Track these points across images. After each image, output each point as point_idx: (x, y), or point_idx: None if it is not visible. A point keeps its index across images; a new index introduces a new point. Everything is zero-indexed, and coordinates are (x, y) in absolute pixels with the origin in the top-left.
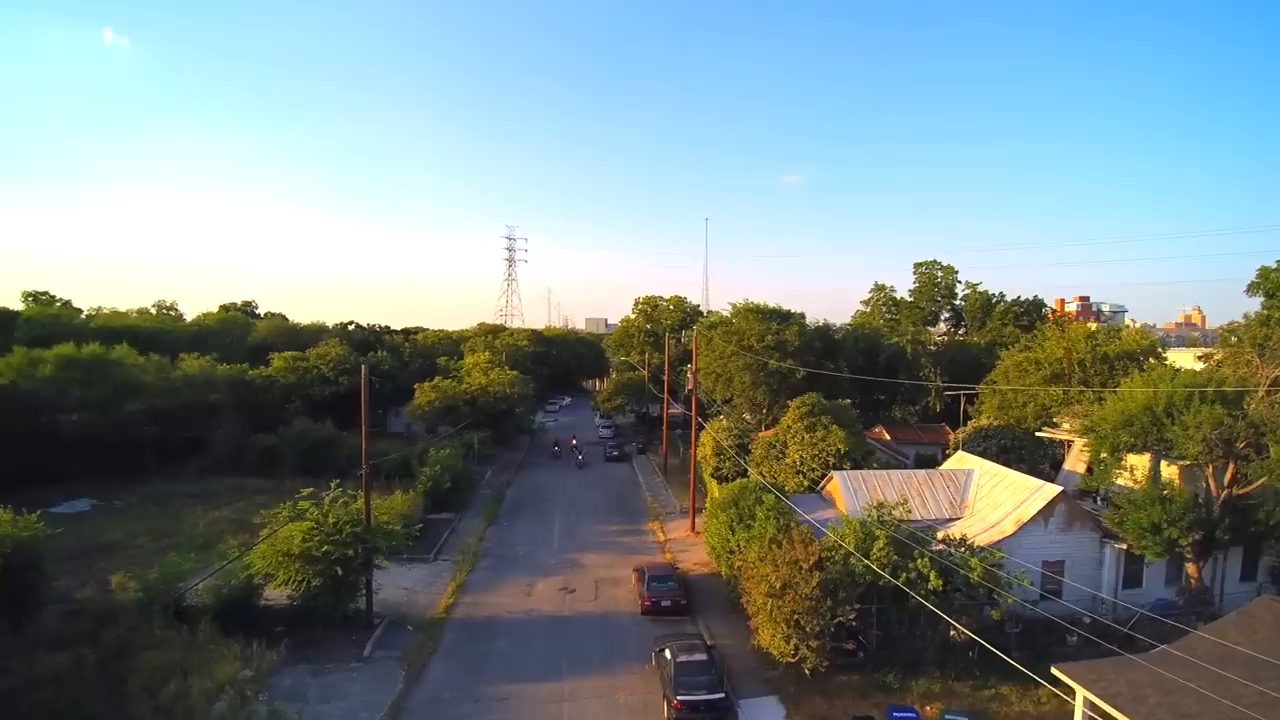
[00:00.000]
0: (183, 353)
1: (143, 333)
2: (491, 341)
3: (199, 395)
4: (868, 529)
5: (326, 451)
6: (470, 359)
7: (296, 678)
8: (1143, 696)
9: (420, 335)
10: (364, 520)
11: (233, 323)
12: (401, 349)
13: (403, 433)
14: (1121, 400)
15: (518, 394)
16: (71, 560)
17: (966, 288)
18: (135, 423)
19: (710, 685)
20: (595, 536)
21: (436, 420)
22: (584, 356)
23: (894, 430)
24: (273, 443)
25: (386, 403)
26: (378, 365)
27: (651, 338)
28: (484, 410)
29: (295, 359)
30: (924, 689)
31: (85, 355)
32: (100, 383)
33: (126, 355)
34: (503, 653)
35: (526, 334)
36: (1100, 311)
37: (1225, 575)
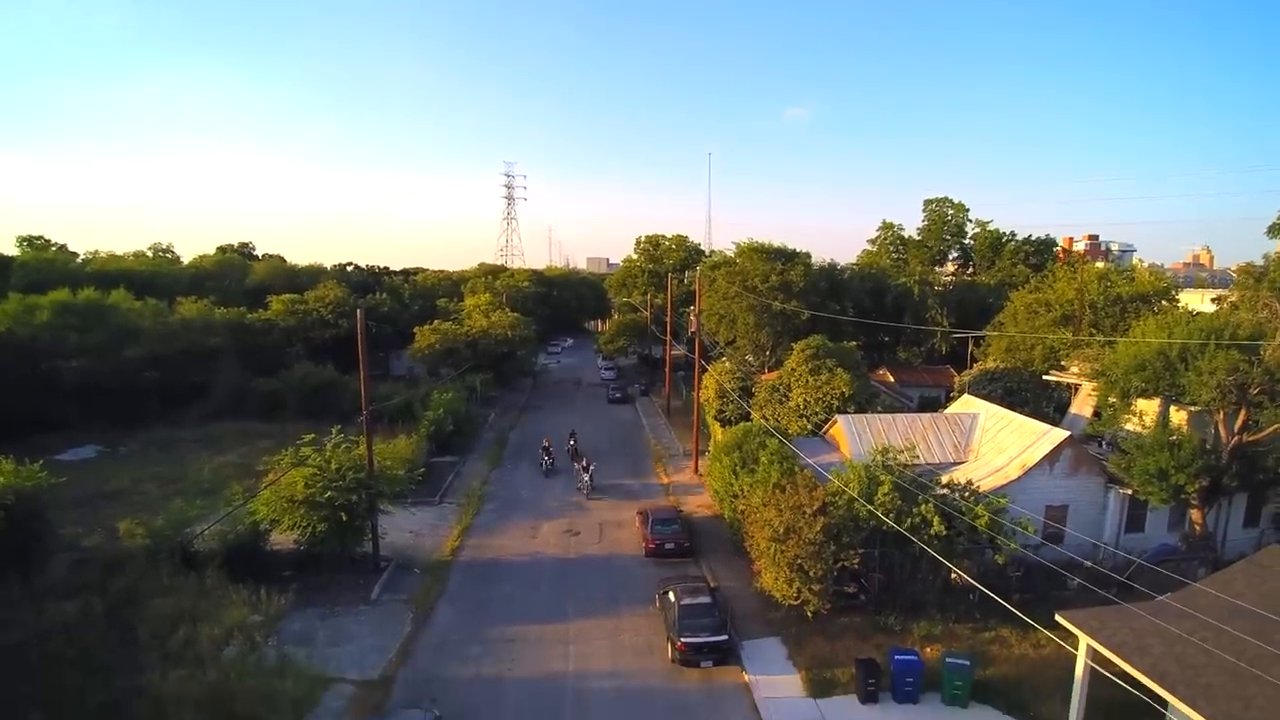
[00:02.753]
0: (180, 296)
1: (139, 276)
2: (492, 282)
3: (198, 339)
4: (872, 474)
5: (328, 395)
6: (470, 301)
7: (305, 621)
8: (1147, 646)
9: (420, 276)
10: (367, 465)
11: (230, 265)
12: (401, 291)
13: (405, 376)
14: (1134, 344)
15: (519, 336)
16: (78, 508)
17: (976, 226)
18: (135, 368)
19: (713, 627)
20: (599, 479)
21: (438, 363)
22: (586, 297)
23: (898, 372)
24: (274, 387)
25: (387, 345)
26: (377, 307)
27: (654, 278)
28: (485, 353)
29: (294, 302)
30: (925, 631)
31: (81, 301)
32: (98, 328)
33: (123, 300)
34: (509, 595)
35: (527, 274)
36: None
37: (1229, 521)
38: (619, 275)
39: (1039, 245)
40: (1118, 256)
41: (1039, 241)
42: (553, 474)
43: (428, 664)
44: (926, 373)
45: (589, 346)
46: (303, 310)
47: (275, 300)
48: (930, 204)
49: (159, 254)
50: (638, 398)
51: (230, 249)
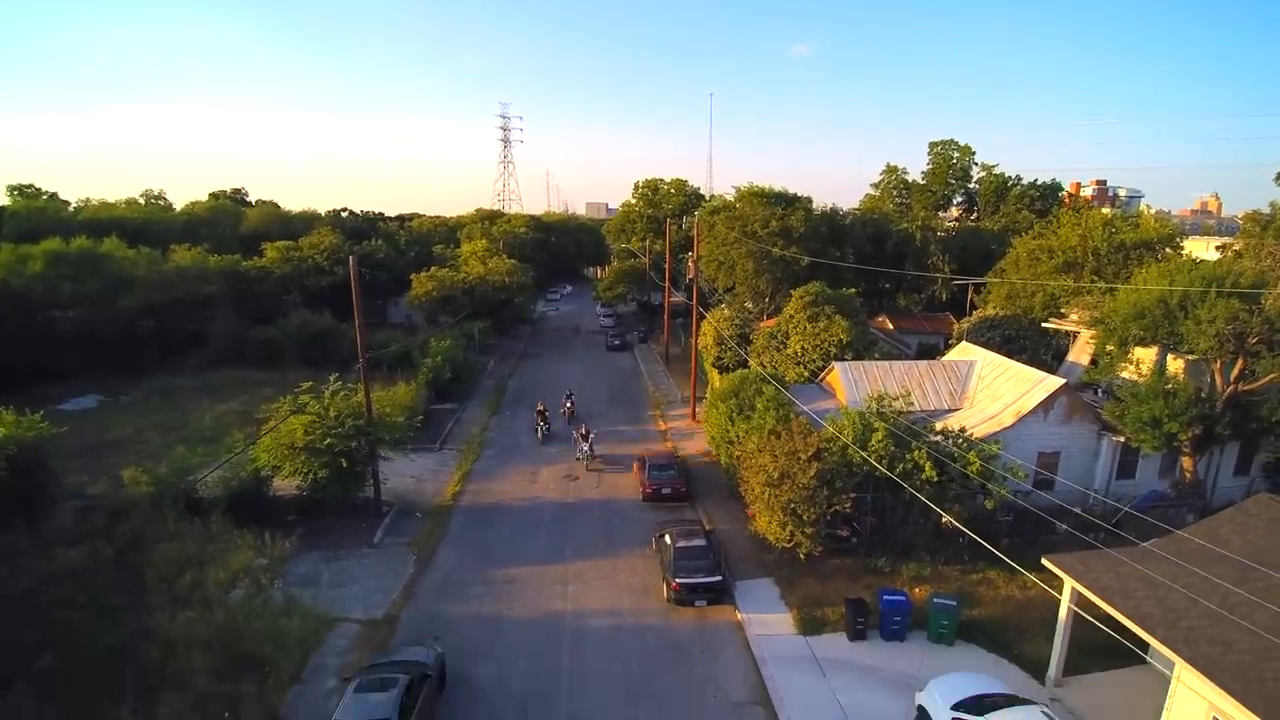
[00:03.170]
0: (173, 244)
1: (131, 224)
2: (489, 228)
3: (193, 288)
4: (866, 421)
5: (326, 343)
6: (467, 247)
7: (310, 564)
8: (1130, 590)
9: (415, 222)
10: (365, 413)
11: (223, 211)
12: (397, 237)
13: (403, 323)
14: (1135, 292)
15: (516, 283)
16: (81, 457)
17: (982, 170)
18: (131, 317)
19: (708, 569)
20: (598, 425)
21: (435, 310)
22: (584, 243)
23: (897, 319)
24: (272, 335)
25: (384, 293)
26: (372, 254)
27: (653, 223)
28: (483, 300)
29: (289, 249)
30: (914, 573)
31: (74, 250)
32: (92, 277)
33: (116, 249)
34: (509, 538)
35: (524, 220)
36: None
37: (1219, 469)
38: (617, 221)
39: (1045, 190)
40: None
41: (1045, 186)
42: (549, 440)
43: (430, 604)
44: (925, 320)
45: (588, 293)
46: (298, 257)
47: (270, 247)
48: (935, 146)
49: (151, 201)
50: (636, 345)
51: (223, 195)
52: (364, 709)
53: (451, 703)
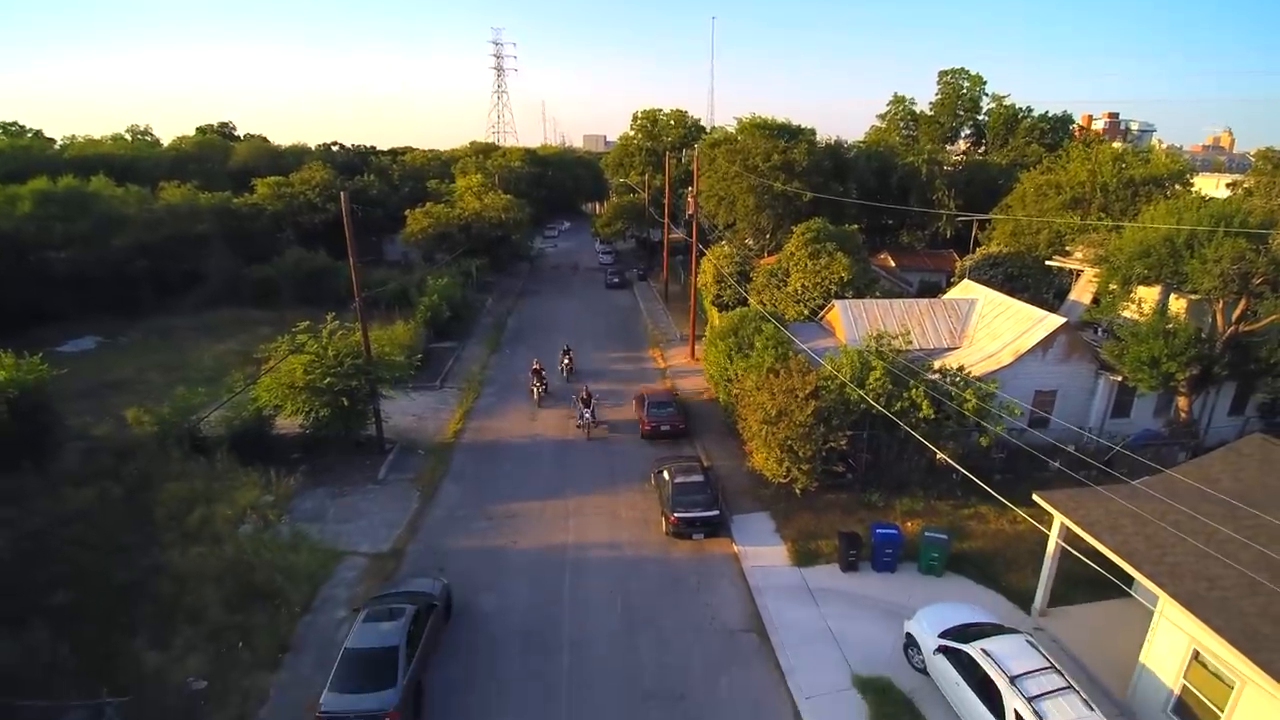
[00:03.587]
0: (162, 180)
1: (118, 161)
2: (483, 162)
3: (185, 226)
4: (865, 359)
5: (322, 281)
6: (462, 182)
7: (316, 500)
8: (1119, 526)
9: (408, 156)
10: (364, 352)
11: (211, 147)
12: (389, 172)
13: (399, 261)
14: (1141, 230)
15: (513, 219)
16: (83, 398)
17: (992, 101)
18: (124, 257)
19: (706, 503)
20: (597, 363)
21: (432, 248)
22: (582, 178)
23: (900, 257)
24: (267, 274)
25: (378, 230)
26: (365, 190)
27: (652, 157)
28: (479, 237)
29: (280, 185)
30: (907, 508)
31: (62, 189)
32: (82, 217)
33: (104, 187)
34: (510, 474)
35: (520, 153)
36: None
37: (1215, 409)
38: (615, 154)
39: (1055, 123)
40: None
41: (1055, 119)
42: (546, 402)
43: (435, 537)
44: (928, 257)
45: (586, 230)
46: (289, 194)
47: (260, 184)
48: (945, 76)
49: (137, 137)
50: (636, 282)
51: (210, 129)
52: (373, 637)
53: (457, 631)
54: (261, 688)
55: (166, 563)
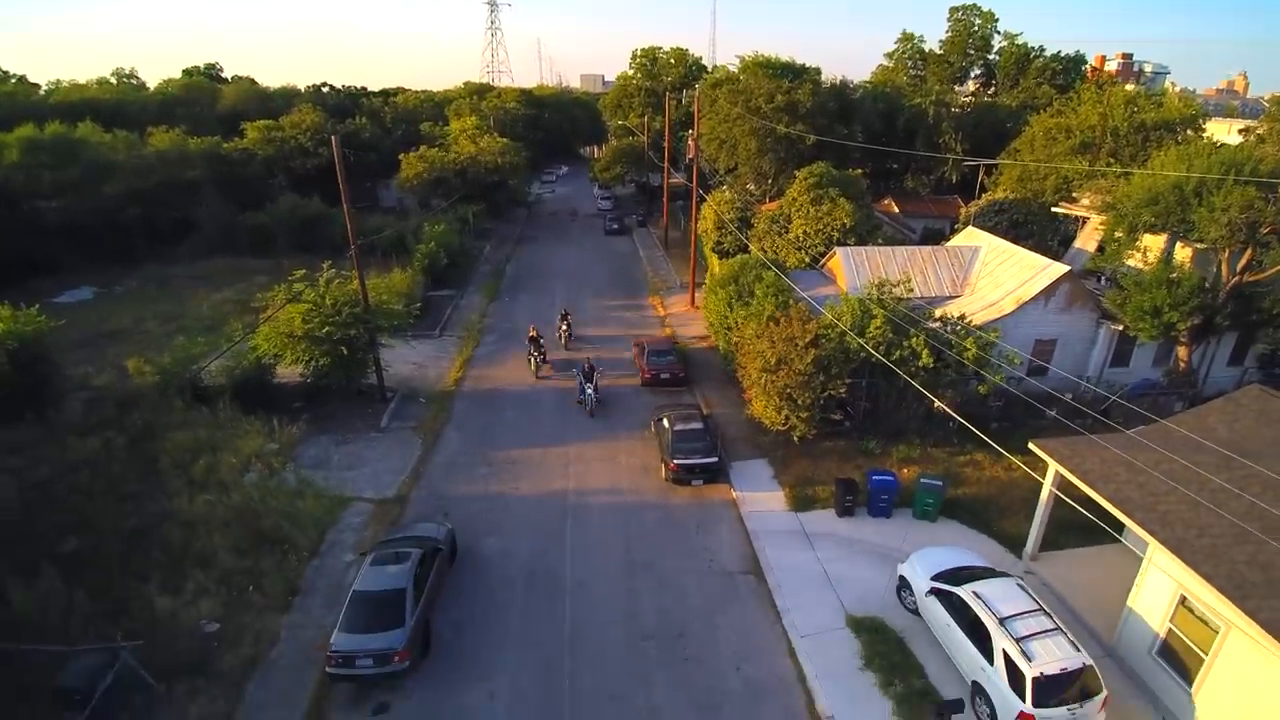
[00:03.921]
0: (150, 126)
1: (105, 106)
2: (478, 104)
3: (175, 172)
4: (865, 307)
5: (317, 228)
6: (456, 125)
7: (319, 448)
8: (1113, 474)
9: (400, 98)
10: (362, 300)
11: (198, 89)
12: (382, 114)
13: (394, 207)
14: (1150, 177)
15: (509, 164)
16: (83, 349)
17: (1004, 39)
18: (115, 205)
19: (705, 450)
20: (596, 311)
21: (427, 193)
22: (579, 120)
23: (903, 202)
24: (262, 221)
25: (372, 175)
26: (357, 133)
27: (651, 98)
28: (475, 182)
29: (270, 129)
30: (903, 455)
31: (49, 136)
32: (71, 165)
33: (92, 134)
34: (511, 421)
35: (515, 94)
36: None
37: (1214, 359)
38: (613, 95)
39: (1067, 63)
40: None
41: (1068, 59)
42: (545, 373)
43: (438, 484)
44: (933, 203)
45: (584, 174)
46: (280, 138)
47: (250, 127)
48: (956, 12)
49: (123, 80)
50: (635, 229)
51: (196, 72)
52: (380, 579)
53: (461, 574)
54: (272, 629)
55: (174, 510)
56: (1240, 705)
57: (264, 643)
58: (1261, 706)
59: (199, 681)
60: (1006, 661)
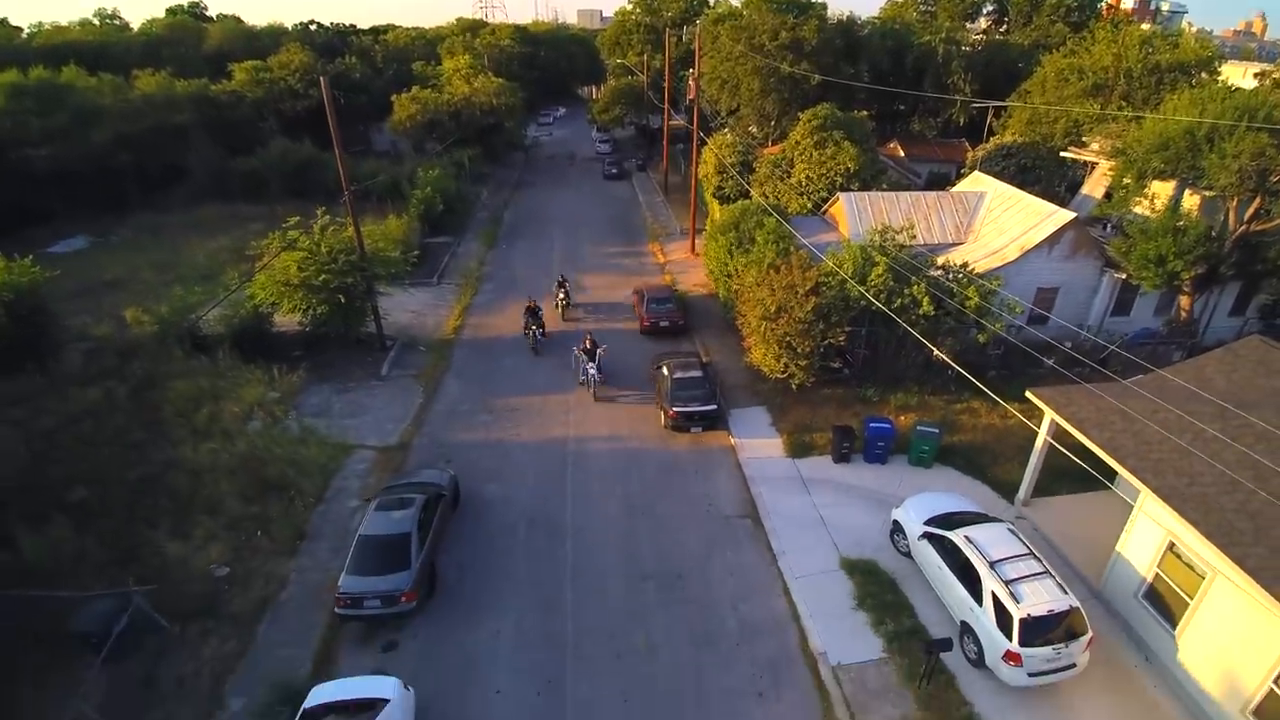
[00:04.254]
0: (135, 68)
1: (88, 49)
2: (471, 42)
3: (164, 117)
4: (867, 255)
5: (310, 173)
6: (449, 64)
7: (321, 396)
8: (1108, 422)
9: (390, 35)
10: (358, 248)
11: (182, 29)
12: (372, 53)
13: (388, 151)
14: (1161, 122)
15: (505, 105)
16: (79, 298)
17: None
18: (105, 151)
19: (704, 398)
20: (595, 258)
21: (421, 137)
22: (576, 58)
23: (909, 146)
24: (253, 166)
25: (365, 117)
26: (347, 74)
27: (651, 34)
28: (470, 124)
29: (258, 70)
30: (901, 402)
31: (34, 81)
32: (58, 110)
33: (77, 78)
34: (511, 369)
35: (509, 31)
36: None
37: (1216, 309)
38: (611, 32)
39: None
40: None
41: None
42: (543, 348)
43: (439, 431)
44: (939, 147)
45: (582, 116)
46: (269, 79)
47: (238, 69)
48: None
49: (105, 21)
50: (634, 173)
51: (180, 10)
52: (385, 524)
53: (464, 519)
54: (281, 573)
55: (179, 458)
56: (1220, 646)
57: (273, 586)
58: (1241, 647)
59: (211, 623)
60: (995, 603)
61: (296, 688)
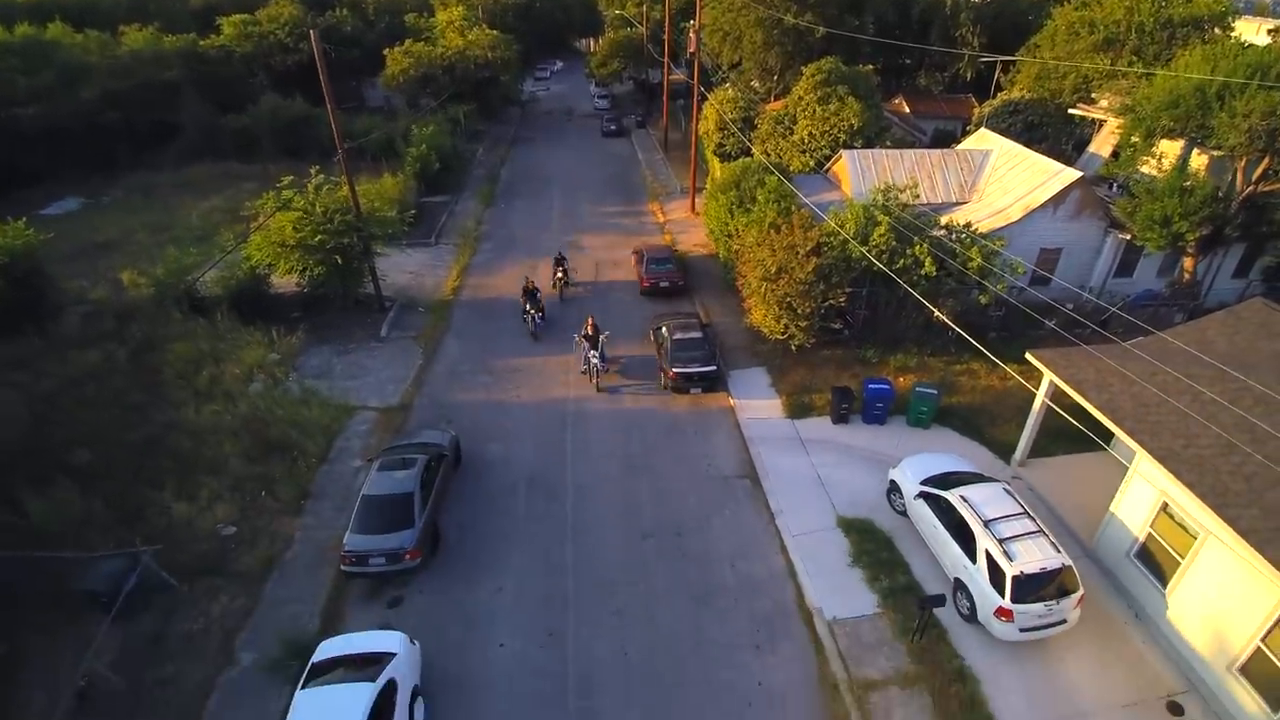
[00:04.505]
0: (121, 24)
1: (73, 4)
2: None
3: (152, 74)
4: (870, 214)
5: (303, 131)
6: (443, 15)
7: (321, 358)
8: (1106, 384)
9: None
10: (353, 207)
11: None
12: (363, 4)
13: (382, 107)
14: (1171, 79)
15: (501, 58)
16: (74, 261)
17: None
18: (94, 110)
19: (703, 359)
20: (594, 218)
21: (415, 92)
22: (573, 8)
23: (915, 102)
24: (245, 124)
25: (357, 72)
26: (339, 26)
27: None
28: (465, 79)
29: (246, 24)
30: (900, 363)
31: (19, 38)
32: (45, 68)
33: (63, 34)
34: (511, 330)
35: None
36: None
37: (1219, 270)
38: None
39: None
40: None
41: None
42: (541, 330)
43: (440, 392)
44: (945, 103)
45: (579, 70)
46: (258, 33)
47: (226, 23)
48: None
49: None
50: (634, 130)
51: None
52: (388, 484)
53: (466, 478)
54: (287, 532)
55: (180, 420)
56: (1210, 604)
57: (279, 544)
58: (1230, 606)
59: (219, 581)
60: (989, 560)
61: (305, 643)
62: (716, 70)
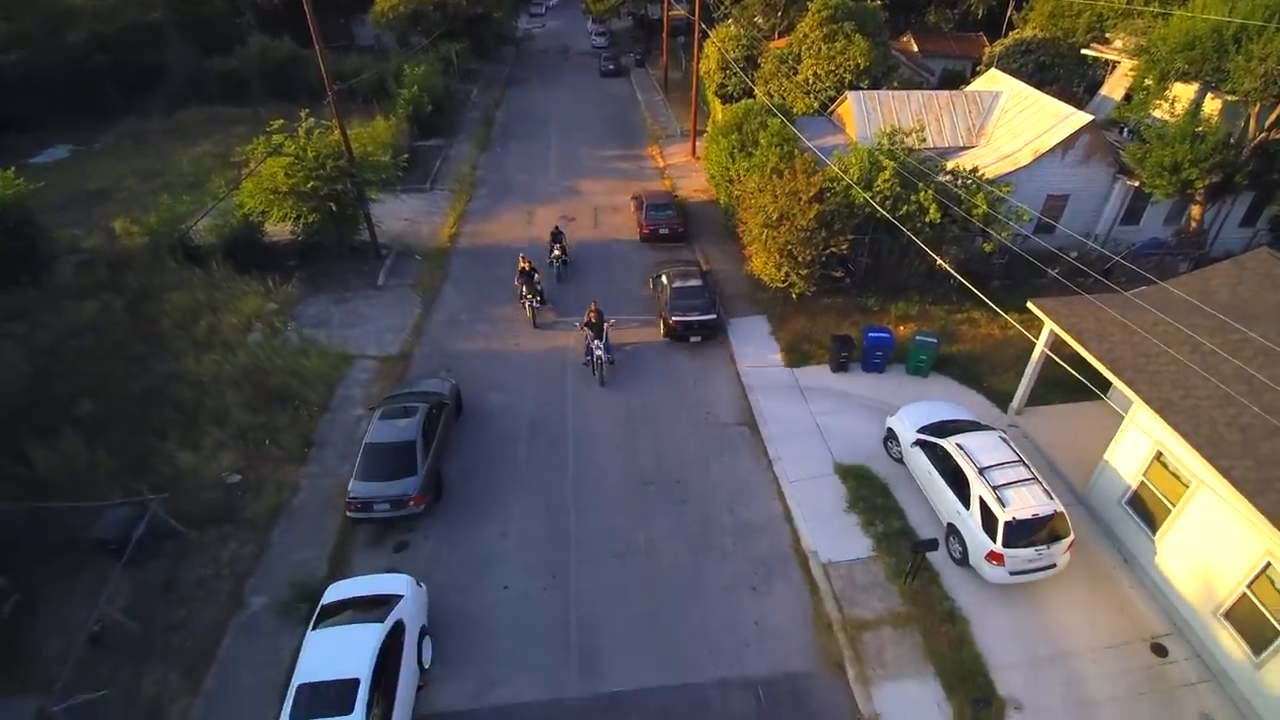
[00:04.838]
0: None
1: None
2: None
3: (138, 15)
4: (874, 159)
5: (292, 72)
6: None
7: (319, 307)
8: (1107, 334)
9: None
10: (345, 152)
11: None
12: None
13: (372, 46)
14: (1189, 19)
15: None
16: (66, 210)
17: None
18: (81, 53)
19: (704, 307)
20: (592, 162)
21: (406, 30)
22: None
23: (923, 40)
24: (232, 66)
25: (346, 10)
26: None
27: None
28: (457, 16)
29: None
30: (901, 312)
31: None
32: (28, 12)
33: None
34: (508, 278)
35: None
36: None
37: (1227, 219)
38: None
39: None
40: None
41: None
42: (540, 315)
43: (440, 340)
44: (955, 41)
45: (576, 5)
46: None
47: None
48: None
49: None
50: (633, 69)
51: None
52: (391, 432)
53: (468, 426)
54: (292, 480)
55: (181, 371)
56: (1198, 551)
57: (285, 492)
58: (1218, 553)
59: (227, 528)
60: (982, 506)
61: (314, 587)
62: (719, 5)
